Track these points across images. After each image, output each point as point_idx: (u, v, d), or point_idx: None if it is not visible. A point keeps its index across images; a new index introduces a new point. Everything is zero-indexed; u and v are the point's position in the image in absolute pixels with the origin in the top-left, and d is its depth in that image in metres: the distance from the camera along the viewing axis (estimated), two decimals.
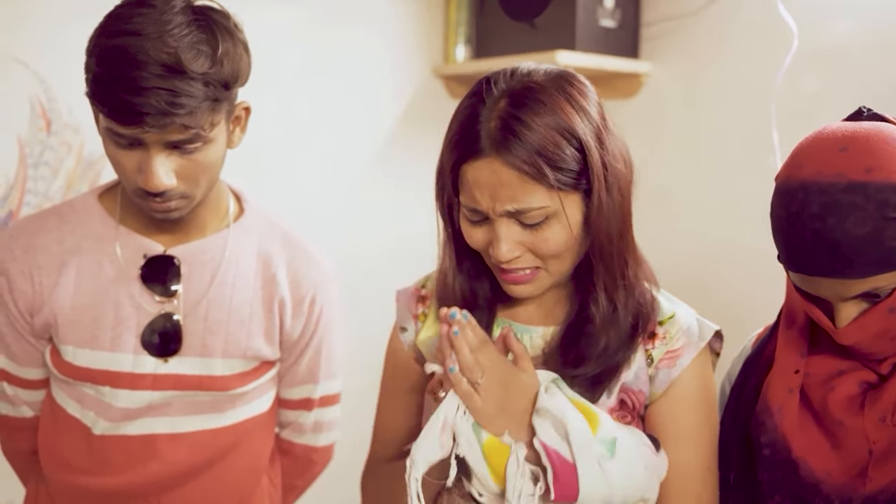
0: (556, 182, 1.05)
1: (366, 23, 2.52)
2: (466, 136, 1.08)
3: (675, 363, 1.14)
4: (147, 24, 1.19)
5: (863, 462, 1.07)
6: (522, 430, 1.07)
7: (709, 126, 2.43)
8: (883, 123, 1.06)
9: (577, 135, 1.06)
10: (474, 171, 1.08)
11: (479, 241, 1.12)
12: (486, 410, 1.07)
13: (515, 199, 1.06)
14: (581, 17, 2.38)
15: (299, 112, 2.40)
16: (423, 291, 1.26)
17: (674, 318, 1.16)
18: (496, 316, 1.20)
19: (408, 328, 1.26)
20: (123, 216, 1.37)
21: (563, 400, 1.07)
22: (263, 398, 1.45)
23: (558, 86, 1.08)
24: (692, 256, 2.45)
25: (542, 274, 1.12)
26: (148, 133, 1.19)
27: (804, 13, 2.17)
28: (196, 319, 1.36)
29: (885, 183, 0.99)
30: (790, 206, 1.03)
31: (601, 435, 1.06)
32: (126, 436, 1.36)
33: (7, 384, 1.42)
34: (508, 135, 1.05)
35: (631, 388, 1.15)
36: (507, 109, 1.06)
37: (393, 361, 1.29)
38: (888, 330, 1.04)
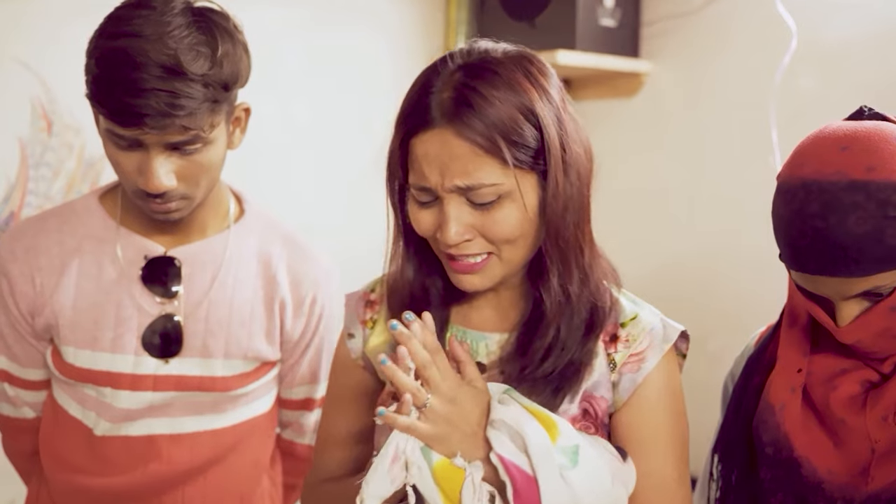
0: (511, 159, 0.99)
1: (366, 23, 2.52)
2: (417, 108, 1.02)
3: (640, 367, 1.08)
4: (147, 25, 1.19)
5: (865, 461, 1.07)
6: (477, 445, 1.00)
7: (708, 125, 2.43)
8: (884, 122, 1.06)
9: (535, 112, 1.00)
10: (424, 144, 1.01)
11: (428, 226, 1.04)
12: (436, 431, 1.00)
13: (466, 173, 0.99)
14: (581, 16, 2.39)
15: (299, 112, 2.40)
16: (372, 296, 1.19)
17: (637, 318, 1.09)
18: (449, 322, 1.13)
19: (355, 334, 1.18)
20: (124, 217, 1.37)
21: (518, 409, 1.01)
22: (264, 398, 1.45)
23: (517, 62, 1.03)
24: (692, 255, 2.45)
25: (494, 261, 1.04)
26: (148, 134, 1.19)
27: (803, 12, 2.17)
28: (197, 320, 1.36)
29: (886, 182, 0.99)
30: (791, 204, 1.03)
31: (562, 443, 0.99)
32: (127, 436, 1.36)
33: (9, 385, 1.43)
34: (462, 105, 0.99)
35: (593, 395, 1.08)
36: (462, 80, 1.00)
37: (339, 370, 1.21)
38: (889, 328, 1.04)
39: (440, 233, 1.03)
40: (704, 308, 2.42)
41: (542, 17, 2.44)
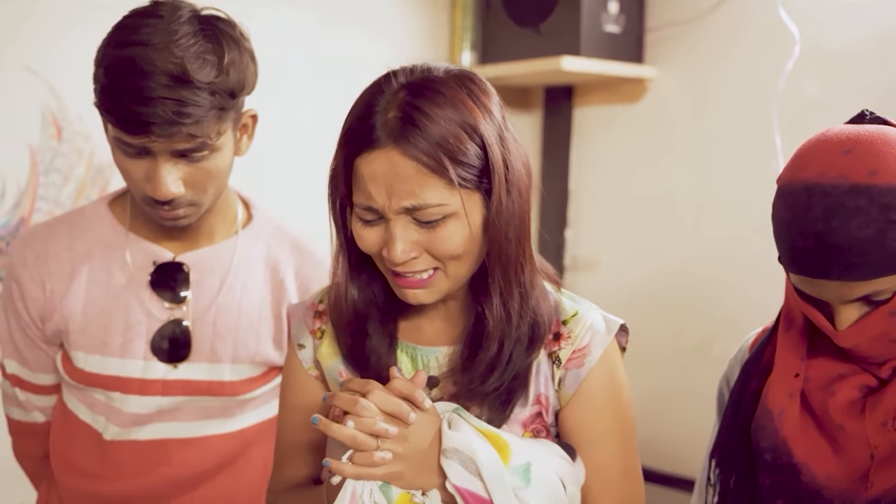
0: (456, 177, 1.00)
1: (371, 29, 2.54)
2: (362, 128, 1.02)
3: (584, 362, 1.09)
4: (154, 34, 1.20)
5: (864, 467, 1.07)
6: (431, 475, 1.02)
7: (712, 130, 2.44)
8: (886, 127, 1.06)
9: (479, 131, 1.02)
10: (369, 164, 1.01)
11: (373, 244, 1.04)
12: (389, 471, 1.00)
13: (413, 193, 0.99)
14: (586, 22, 2.40)
15: (305, 118, 2.42)
16: (320, 307, 1.19)
17: (577, 315, 1.11)
18: (398, 339, 1.13)
19: (306, 345, 1.18)
20: (133, 223, 1.38)
21: (469, 433, 1.02)
22: (272, 403, 1.46)
23: (460, 82, 1.04)
24: (697, 260, 2.46)
25: (440, 276, 1.05)
26: (155, 142, 1.20)
27: (806, 19, 2.18)
28: (205, 325, 1.37)
29: (888, 186, 0.99)
30: (793, 207, 1.03)
31: (514, 463, 1.01)
32: (136, 441, 1.37)
33: (19, 390, 1.44)
34: (408, 125, 0.99)
35: (540, 395, 1.10)
36: (406, 100, 1.01)
37: (291, 381, 1.20)
38: (888, 333, 1.04)
39: (386, 251, 1.03)
40: (709, 314, 2.42)
41: (547, 23, 2.45)
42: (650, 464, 2.44)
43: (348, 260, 1.11)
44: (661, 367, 2.47)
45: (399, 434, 1.01)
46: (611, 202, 2.67)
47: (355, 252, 1.10)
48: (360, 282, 1.12)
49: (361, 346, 1.12)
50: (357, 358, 1.13)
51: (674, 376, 2.49)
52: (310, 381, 1.19)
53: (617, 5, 2.46)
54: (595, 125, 2.70)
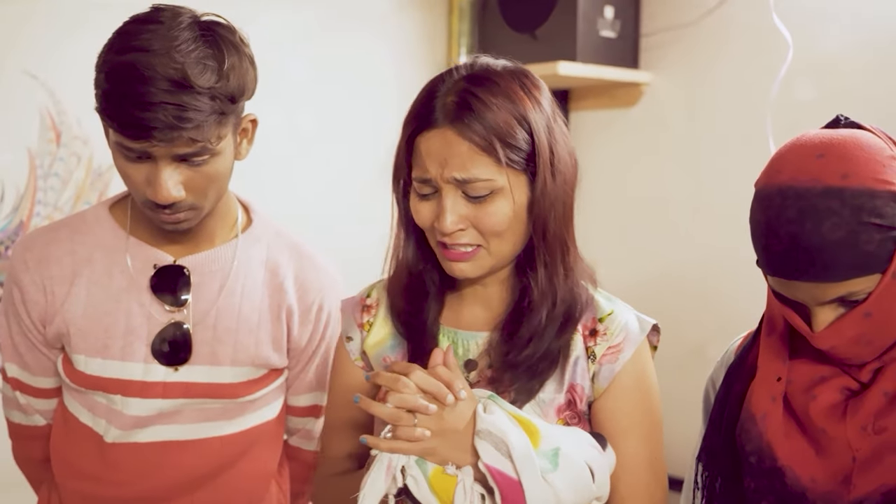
0: (505, 158, 1.10)
1: (369, 33, 2.55)
2: (423, 110, 1.14)
3: (618, 358, 1.18)
4: (154, 40, 1.21)
5: (847, 469, 1.07)
6: (466, 453, 1.08)
7: (706, 134, 2.46)
8: (859, 131, 1.07)
9: (528, 119, 1.12)
10: (427, 141, 1.13)
11: (426, 217, 1.15)
12: (425, 447, 1.08)
13: (464, 167, 1.10)
14: (582, 27, 2.42)
15: (303, 121, 2.43)
16: (368, 300, 1.28)
17: (613, 314, 1.20)
18: (440, 325, 1.22)
19: (353, 337, 1.27)
20: (134, 227, 1.39)
21: (502, 416, 1.08)
22: (272, 405, 1.47)
23: (514, 76, 1.15)
24: (690, 264, 2.47)
25: (483, 253, 1.15)
26: (156, 147, 1.21)
27: (799, 25, 2.20)
28: (205, 328, 1.38)
29: (860, 188, 1.00)
30: (768, 210, 1.05)
31: (543, 447, 1.08)
32: (137, 443, 1.38)
33: (20, 393, 1.45)
34: (464, 109, 1.11)
35: (575, 386, 1.18)
36: (464, 87, 1.12)
37: (339, 372, 1.29)
38: (864, 335, 1.05)
39: (437, 222, 1.13)
40: (703, 316, 2.43)
41: (543, 28, 2.47)
42: None
43: (406, 238, 1.22)
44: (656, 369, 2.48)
45: (436, 414, 1.08)
46: (606, 206, 2.68)
47: (414, 233, 1.21)
48: (415, 258, 1.22)
49: (416, 312, 1.21)
50: (409, 323, 1.22)
51: (668, 379, 2.49)
52: (357, 371, 1.27)
53: (612, 10, 2.48)
54: (591, 129, 2.72)
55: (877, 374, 1.08)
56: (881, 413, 1.06)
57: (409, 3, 2.61)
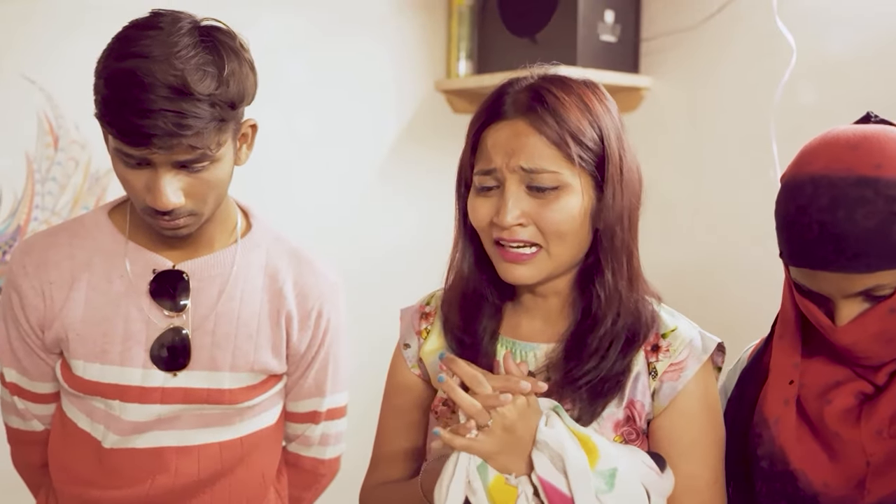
0: (576, 156, 1.09)
1: (368, 38, 2.55)
2: (493, 105, 1.13)
3: (680, 376, 1.14)
4: (154, 46, 1.20)
5: (861, 474, 1.07)
6: (522, 462, 1.07)
7: (709, 139, 2.45)
8: (890, 126, 1.09)
9: (600, 123, 1.12)
10: (496, 132, 1.12)
11: (485, 214, 1.12)
12: (490, 448, 1.07)
13: (532, 156, 1.09)
14: (582, 32, 2.41)
15: (302, 126, 2.42)
16: (427, 308, 1.27)
17: (676, 330, 1.17)
18: (499, 335, 1.20)
19: (411, 344, 1.27)
20: (133, 232, 1.39)
21: (562, 431, 1.07)
22: (271, 411, 1.46)
23: (587, 84, 1.16)
24: (693, 268, 2.47)
25: (542, 255, 1.12)
26: (156, 154, 1.21)
27: (802, 28, 2.19)
28: (204, 333, 1.37)
29: (894, 179, 1.01)
30: (798, 199, 1.04)
31: (600, 467, 1.06)
32: (135, 449, 1.37)
33: (18, 398, 1.44)
34: (537, 101, 1.10)
35: (635, 401, 1.15)
36: (538, 84, 1.13)
37: (395, 379, 1.29)
38: (887, 331, 1.05)
39: (497, 216, 1.10)
40: (705, 320, 2.40)
41: (543, 32, 2.47)
42: None
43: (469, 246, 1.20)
44: None
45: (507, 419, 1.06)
46: None
47: (474, 241, 1.18)
48: (476, 268, 1.20)
49: (470, 328, 1.19)
50: (463, 339, 1.20)
51: None
52: (413, 378, 1.26)
53: (613, 15, 2.47)
54: None
55: (893, 377, 1.08)
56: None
57: (408, 7, 2.61)
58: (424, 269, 1.41)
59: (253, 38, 1.35)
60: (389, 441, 1.28)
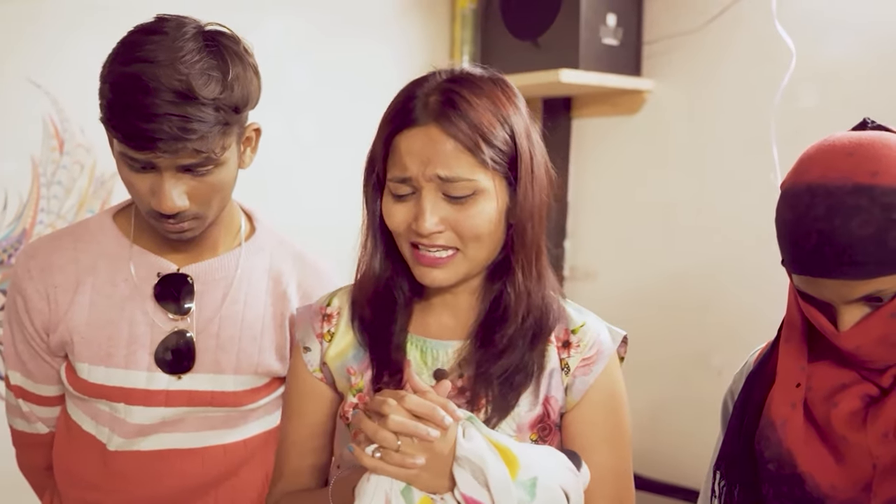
0: (489, 159, 1.09)
1: (371, 40, 2.56)
2: (403, 110, 1.13)
3: (591, 370, 1.17)
4: (159, 51, 1.21)
5: (867, 477, 1.07)
6: (445, 479, 1.05)
7: (709, 142, 2.46)
8: (887, 133, 1.09)
9: (510, 122, 1.12)
10: (408, 139, 1.11)
11: (402, 220, 1.12)
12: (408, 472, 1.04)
13: (448, 165, 1.08)
14: (584, 35, 2.42)
15: (305, 129, 2.43)
16: (328, 310, 1.25)
17: (585, 326, 1.19)
18: (409, 332, 1.19)
19: (311, 348, 1.24)
20: (137, 236, 1.39)
21: (481, 443, 1.06)
22: (275, 413, 1.46)
23: (494, 81, 1.15)
24: (695, 270, 2.47)
25: (459, 258, 1.12)
26: (161, 157, 1.21)
27: (802, 32, 2.20)
28: (209, 336, 1.38)
29: (890, 187, 1.01)
30: (796, 208, 1.05)
31: (521, 478, 1.06)
32: (140, 451, 1.38)
33: (23, 401, 1.45)
34: (448, 107, 1.09)
35: (549, 397, 1.17)
36: (448, 87, 1.12)
37: (297, 385, 1.26)
38: (889, 335, 1.05)
39: (415, 223, 1.10)
40: (708, 323, 2.44)
41: (546, 36, 2.47)
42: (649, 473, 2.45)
43: (380, 243, 1.19)
44: (659, 377, 2.48)
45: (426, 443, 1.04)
46: (609, 213, 2.69)
47: (384, 239, 1.18)
48: (386, 266, 1.19)
49: (381, 326, 1.18)
50: (374, 334, 1.19)
51: (673, 386, 2.50)
52: (316, 384, 1.24)
53: (615, 18, 2.48)
54: (593, 137, 2.72)
55: None
56: None
57: (411, 10, 2.62)
58: None
59: (256, 41, 1.36)
60: (295, 449, 1.25)
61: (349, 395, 1.20)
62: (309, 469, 1.24)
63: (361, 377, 1.20)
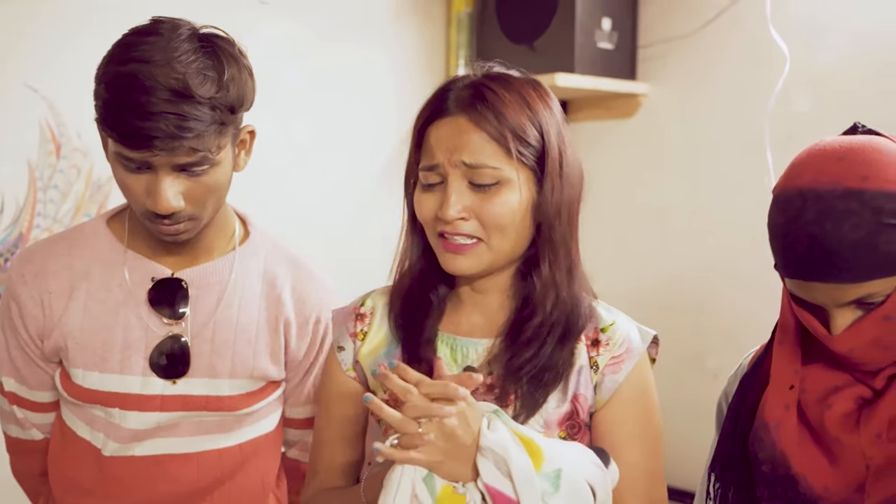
0: (515, 151, 1.12)
1: (367, 44, 2.56)
2: (436, 102, 1.17)
3: (620, 368, 1.18)
4: (155, 51, 1.21)
5: (861, 478, 1.08)
6: (468, 468, 1.06)
7: (704, 145, 2.47)
8: (877, 137, 1.09)
9: (540, 119, 1.15)
10: (438, 129, 1.15)
11: (429, 208, 1.15)
12: (433, 458, 1.05)
13: (473, 152, 1.12)
14: (579, 39, 2.43)
15: (300, 132, 2.43)
16: (361, 309, 1.27)
17: (615, 325, 1.20)
18: (439, 331, 1.21)
19: (345, 347, 1.26)
20: (131, 240, 1.39)
21: (505, 434, 1.06)
22: (270, 418, 1.47)
23: (527, 81, 1.19)
24: (690, 273, 2.48)
25: (482, 247, 1.14)
26: (157, 156, 1.21)
27: (796, 37, 2.21)
28: (203, 341, 1.38)
29: (880, 190, 1.02)
30: (788, 212, 1.06)
31: (545, 468, 1.06)
32: (135, 457, 1.38)
33: (17, 407, 1.44)
34: (477, 99, 1.13)
35: (578, 395, 1.18)
36: (480, 81, 1.16)
37: (331, 383, 1.28)
38: (882, 338, 1.05)
39: (440, 210, 1.13)
40: (703, 325, 2.44)
41: (541, 40, 2.48)
42: None
43: (415, 239, 1.22)
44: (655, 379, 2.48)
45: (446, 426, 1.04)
46: (604, 216, 2.69)
47: (421, 235, 1.21)
48: (421, 260, 1.22)
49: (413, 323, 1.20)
50: (407, 328, 1.21)
51: (668, 388, 2.49)
52: (349, 382, 1.26)
53: (610, 22, 2.49)
54: (588, 140, 2.72)
55: (891, 380, 1.09)
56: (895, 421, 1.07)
57: (407, 13, 2.63)
58: None
59: (252, 44, 1.36)
60: (328, 447, 1.27)
61: (380, 392, 1.21)
62: (342, 466, 1.26)
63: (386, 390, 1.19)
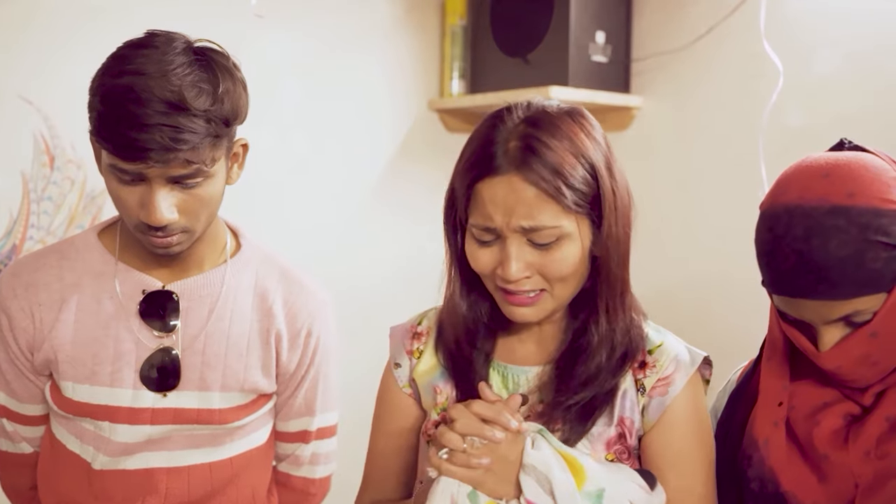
0: (572, 204, 1.09)
1: (362, 57, 2.57)
2: (484, 156, 1.11)
3: (668, 390, 1.15)
4: (150, 63, 1.22)
5: (850, 495, 1.07)
6: (511, 486, 1.09)
7: (698, 159, 2.47)
8: (863, 153, 1.10)
9: (590, 159, 1.11)
10: (490, 188, 1.10)
11: (487, 264, 1.13)
12: (474, 475, 1.09)
13: (531, 215, 1.08)
14: (573, 52, 2.43)
15: (296, 145, 2.44)
16: (419, 328, 1.28)
17: (662, 346, 1.18)
18: (492, 359, 1.22)
19: (402, 364, 1.27)
20: (122, 253, 1.39)
21: (548, 453, 1.08)
22: (261, 431, 1.46)
23: (571, 116, 1.14)
24: (682, 287, 2.47)
25: (546, 297, 1.13)
26: (151, 168, 1.21)
27: (789, 51, 2.22)
28: (194, 354, 1.37)
29: (866, 207, 1.02)
30: (775, 229, 1.06)
31: (587, 488, 1.07)
32: (125, 470, 1.37)
33: (7, 420, 1.44)
34: (529, 153, 1.09)
35: (624, 418, 1.16)
36: (526, 131, 1.10)
37: (386, 399, 1.30)
38: (869, 355, 1.05)
39: (501, 269, 1.11)
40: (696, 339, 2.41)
41: (535, 53, 2.49)
42: None
43: (460, 277, 1.21)
44: None
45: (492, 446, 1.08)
46: None
47: (466, 271, 1.18)
48: (469, 300, 1.21)
49: (464, 356, 1.21)
50: (456, 368, 1.21)
51: None
52: (404, 398, 1.28)
53: (604, 35, 2.50)
54: None
55: (879, 397, 1.09)
56: (883, 438, 1.07)
57: (401, 27, 2.64)
58: (419, 286, 1.41)
59: (247, 56, 1.36)
60: (381, 462, 1.29)
61: (433, 412, 1.23)
62: (394, 480, 1.28)
63: (446, 397, 1.23)
